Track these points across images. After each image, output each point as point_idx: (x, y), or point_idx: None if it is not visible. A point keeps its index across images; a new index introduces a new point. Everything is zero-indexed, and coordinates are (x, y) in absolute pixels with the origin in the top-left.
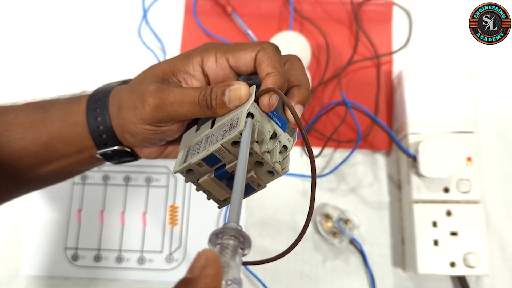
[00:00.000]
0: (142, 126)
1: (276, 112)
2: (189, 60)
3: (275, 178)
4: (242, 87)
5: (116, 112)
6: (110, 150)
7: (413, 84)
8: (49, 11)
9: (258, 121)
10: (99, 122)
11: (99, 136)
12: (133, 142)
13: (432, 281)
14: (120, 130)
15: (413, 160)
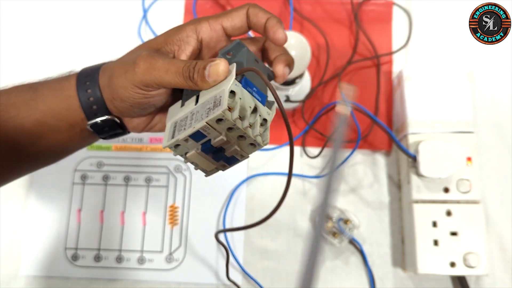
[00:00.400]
0: (132, 90)
1: (255, 87)
2: (183, 28)
3: (257, 149)
4: (221, 64)
5: (107, 82)
6: (100, 120)
7: (413, 84)
8: (49, 11)
9: (240, 98)
10: (89, 94)
11: (90, 107)
12: (123, 108)
13: (432, 281)
14: (110, 98)
15: (413, 160)
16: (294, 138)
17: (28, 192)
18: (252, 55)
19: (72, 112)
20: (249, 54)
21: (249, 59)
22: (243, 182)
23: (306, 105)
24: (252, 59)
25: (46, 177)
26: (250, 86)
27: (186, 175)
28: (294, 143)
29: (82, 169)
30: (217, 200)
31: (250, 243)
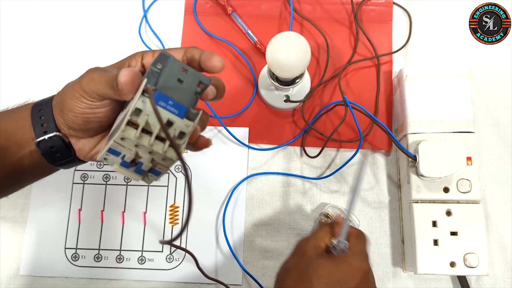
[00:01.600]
0: (78, 99)
1: (171, 100)
2: (132, 57)
3: (173, 163)
4: (122, 73)
5: (59, 98)
6: (47, 137)
7: (413, 84)
8: (49, 11)
9: (147, 114)
10: (41, 113)
11: (40, 125)
12: (71, 122)
13: (432, 281)
14: (59, 111)
15: (413, 160)
16: (294, 138)
17: (28, 192)
18: (178, 64)
19: (22, 131)
20: (175, 63)
21: (173, 68)
22: (243, 181)
23: (306, 105)
24: (178, 68)
25: (47, 177)
26: (164, 100)
27: None
28: (294, 143)
29: (82, 169)
30: (217, 199)
31: (250, 242)
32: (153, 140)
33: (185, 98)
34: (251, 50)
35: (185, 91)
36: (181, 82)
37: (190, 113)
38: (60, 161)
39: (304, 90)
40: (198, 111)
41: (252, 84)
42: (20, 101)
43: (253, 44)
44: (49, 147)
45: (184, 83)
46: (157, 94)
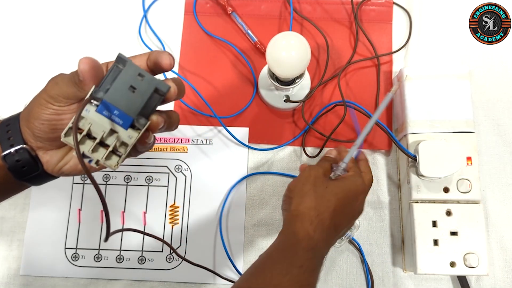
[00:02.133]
0: (44, 105)
1: (117, 109)
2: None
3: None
4: (80, 62)
5: (25, 111)
6: (14, 150)
7: (412, 84)
8: (49, 11)
9: (90, 123)
10: (8, 127)
11: (6, 138)
12: (37, 129)
13: (432, 281)
14: (26, 120)
15: (413, 160)
16: (294, 138)
17: (28, 192)
18: (133, 69)
19: None
20: (130, 68)
21: (128, 73)
22: (243, 180)
23: (306, 105)
24: (133, 73)
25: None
26: (109, 110)
27: (186, 174)
28: (294, 143)
29: None
30: (217, 199)
31: (250, 242)
32: (93, 147)
33: (132, 108)
34: (251, 50)
35: (135, 100)
36: (133, 89)
37: (137, 122)
38: (28, 176)
39: (304, 90)
40: (145, 121)
41: (252, 84)
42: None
43: (253, 44)
44: (15, 161)
45: (136, 91)
46: (103, 103)
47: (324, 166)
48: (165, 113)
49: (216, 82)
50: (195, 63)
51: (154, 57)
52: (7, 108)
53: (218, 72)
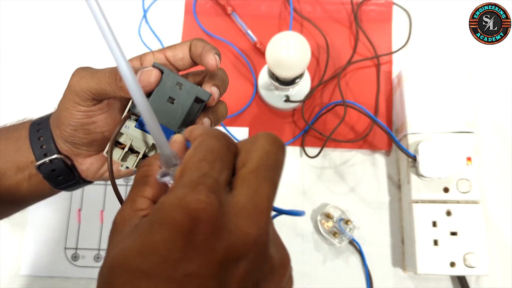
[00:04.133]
0: (73, 108)
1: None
2: (130, 60)
3: None
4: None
5: (54, 115)
6: (48, 160)
7: (412, 84)
8: (49, 11)
9: (131, 139)
10: (39, 134)
11: (39, 146)
12: (71, 136)
13: (432, 281)
14: (57, 127)
15: (413, 160)
16: (294, 138)
17: None
18: (172, 78)
19: (20, 154)
20: (168, 78)
21: (166, 84)
22: None
23: (306, 105)
24: (171, 83)
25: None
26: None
27: None
28: (294, 143)
29: None
30: None
31: None
32: (138, 162)
33: (173, 121)
34: (251, 50)
35: (175, 112)
36: (172, 101)
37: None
38: (64, 184)
39: (304, 90)
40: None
41: (252, 84)
42: (19, 104)
43: (253, 44)
44: (51, 170)
45: (176, 101)
46: (140, 121)
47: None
48: (211, 112)
49: None
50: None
51: (198, 52)
52: (7, 108)
53: None
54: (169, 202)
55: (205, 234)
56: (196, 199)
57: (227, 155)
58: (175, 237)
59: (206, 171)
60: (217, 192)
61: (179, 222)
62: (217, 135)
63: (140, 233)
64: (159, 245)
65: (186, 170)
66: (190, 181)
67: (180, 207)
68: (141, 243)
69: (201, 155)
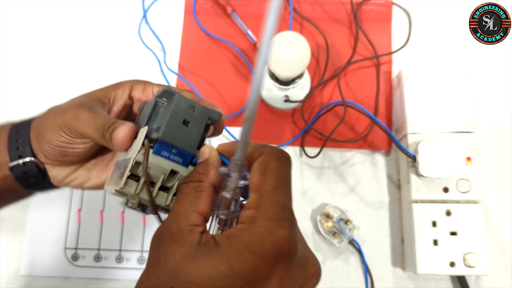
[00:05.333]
0: (57, 133)
1: (175, 148)
2: (120, 85)
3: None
4: (120, 130)
5: (37, 125)
6: (22, 162)
7: (412, 84)
8: (49, 11)
9: (149, 167)
10: (17, 136)
11: (15, 148)
12: (47, 151)
13: (432, 281)
14: (37, 138)
15: (412, 160)
16: (293, 138)
17: None
18: (184, 102)
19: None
20: (181, 101)
21: (179, 108)
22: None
23: (306, 105)
24: (184, 106)
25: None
26: (167, 150)
27: None
28: (294, 143)
29: None
30: None
31: None
32: (156, 192)
33: (190, 144)
34: (251, 50)
35: (190, 134)
36: (187, 124)
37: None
38: (34, 187)
39: (304, 90)
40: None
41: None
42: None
43: (252, 44)
44: (22, 172)
45: (190, 124)
46: (159, 144)
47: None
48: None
49: (216, 82)
50: (195, 63)
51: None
52: (6, 108)
53: (218, 72)
54: (259, 234)
55: (285, 267)
56: (285, 236)
57: (290, 175)
58: (264, 266)
59: (282, 202)
60: (295, 226)
61: (270, 253)
62: (277, 155)
63: (227, 256)
64: (249, 271)
65: (265, 200)
66: (275, 215)
67: (272, 241)
68: (229, 267)
69: (273, 183)
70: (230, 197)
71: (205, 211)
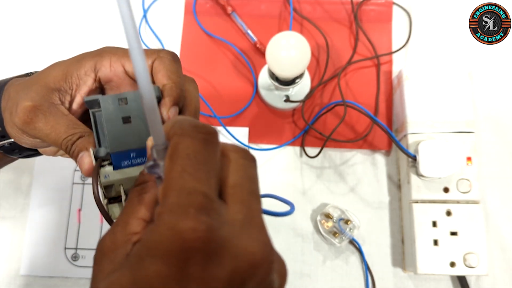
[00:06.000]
0: (18, 133)
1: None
2: (82, 64)
3: None
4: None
5: (4, 106)
6: (7, 143)
7: (412, 84)
8: (49, 11)
9: (120, 184)
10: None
11: None
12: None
13: (432, 281)
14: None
15: (413, 160)
16: (294, 138)
17: (28, 192)
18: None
19: None
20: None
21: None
22: None
23: (306, 105)
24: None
25: (46, 176)
26: (125, 158)
27: None
28: (294, 143)
29: None
30: None
31: None
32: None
33: (143, 137)
34: (251, 50)
35: (138, 128)
36: (127, 120)
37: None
38: (26, 156)
39: (304, 90)
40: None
41: (252, 84)
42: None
43: (253, 44)
44: (11, 150)
45: (132, 118)
46: (114, 157)
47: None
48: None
49: (216, 82)
50: (195, 63)
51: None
52: None
53: (218, 72)
54: (158, 232)
55: (203, 263)
56: (189, 227)
57: (208, 156)
58: (170, 271)
59: (190, 186)
60: (208, 212)
61: (172, 254)
62: (189, 131)
63: (130, 266)
64: (153, 280)
65: (169, 189)
66: (177, 204)
67: (171, 237)
68: (132, 279)
69: (179, 166)
70: None
71: (148, 215)
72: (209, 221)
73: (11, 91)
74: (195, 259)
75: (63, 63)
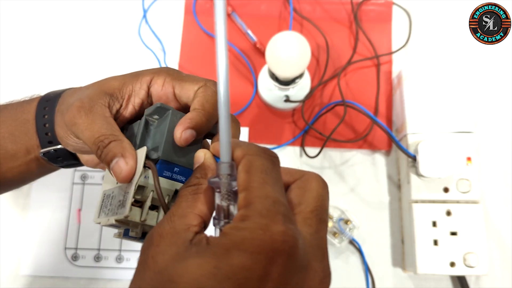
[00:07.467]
0: (65, 132)
1: (177, 166)
2: (139, 78)
3: None
4: (124, 169)
5: (57, 109)
6: (53, 149)
7: (412, 84)
8: (49, 11)
9: (152, 191)
10: (45, 120)
11: (44, 134)
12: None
13: (432, 281)
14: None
15: (412, 160)
16: (293, 138)
17: (28, 192)
18: (179, 116)
19: (29, 136)
20: (176, 117)
21: (175, 124)
22: None
23: (306, 105)
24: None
25: (46, 177)
26: (169, 169)
27: None
28: (294, 143)
29: (82, 169)
30: None
31: None
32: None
33: (191, 160)
34: (251, 50)
35: (190, 150)
36: None
37: None
38: (69, 166)
39: (304, 90)
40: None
41: (252, 84)
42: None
43: (253, 44)
44: (56, 157)
45: None
46: (160, 164)
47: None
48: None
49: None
50: (195, 63)
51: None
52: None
53: None
54: (249, 230)
55: (283, 266)
56: (280, 231)
57: (279, 173)
58: (255, 266)
59: (274, 196)
60: (292, 221)
61: (261, 251)
62: (259, 152)
63: (214, 255)
64: (237, 270)
65: (254, 196)
66: (266, 209)
67: (263, 236)
68: (215, 265)
69: (260, 179)
70: (226, 205)
71: (204, 213)
72: (296, 230)
73: (66, 95)
74: (280, 260)
75: (122, 75)
